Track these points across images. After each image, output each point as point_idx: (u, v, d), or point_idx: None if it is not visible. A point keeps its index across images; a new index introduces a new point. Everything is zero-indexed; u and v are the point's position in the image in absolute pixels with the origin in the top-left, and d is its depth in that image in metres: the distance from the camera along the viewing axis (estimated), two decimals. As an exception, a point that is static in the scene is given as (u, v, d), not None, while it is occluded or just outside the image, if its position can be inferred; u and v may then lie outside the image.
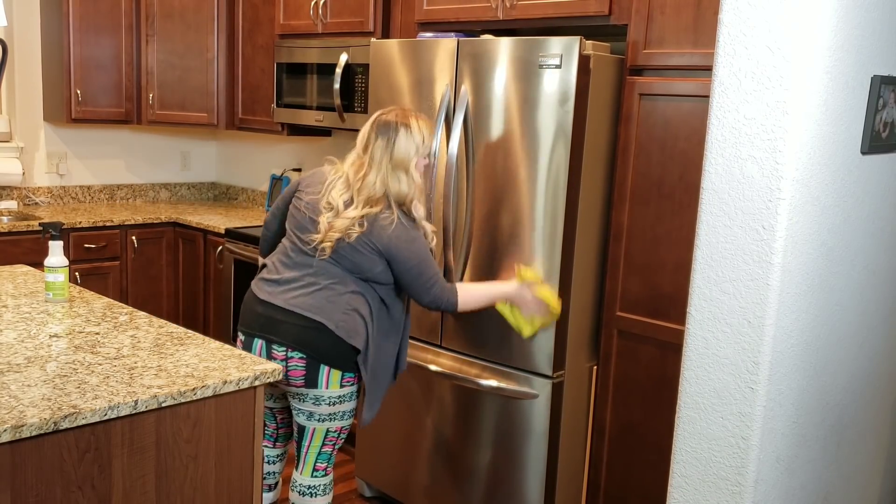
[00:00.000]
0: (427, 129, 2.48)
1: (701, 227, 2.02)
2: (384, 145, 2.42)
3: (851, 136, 2.04)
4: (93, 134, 4.85)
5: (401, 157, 2.42)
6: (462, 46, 2.91)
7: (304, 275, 2.48)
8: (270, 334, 2.46)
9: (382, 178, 2.41)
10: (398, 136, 2.42)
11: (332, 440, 2.60)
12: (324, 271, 2.45)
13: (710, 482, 2.06)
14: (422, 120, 2.49)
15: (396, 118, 2.45)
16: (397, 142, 2.42)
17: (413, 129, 2.44)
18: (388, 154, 2.42)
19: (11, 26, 4.45)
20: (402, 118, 2.46)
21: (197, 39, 4.59)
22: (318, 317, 2.42)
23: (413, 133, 2.44)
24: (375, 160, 2.42)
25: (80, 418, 1.73)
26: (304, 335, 2.42)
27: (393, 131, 2.43)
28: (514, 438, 2.91)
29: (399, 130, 2.43)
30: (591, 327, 2.95)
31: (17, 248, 4.01)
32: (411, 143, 2.43)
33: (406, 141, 2.42)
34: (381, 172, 2.41)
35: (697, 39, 2.60)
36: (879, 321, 2.39)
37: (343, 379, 2.50)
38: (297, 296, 2.46)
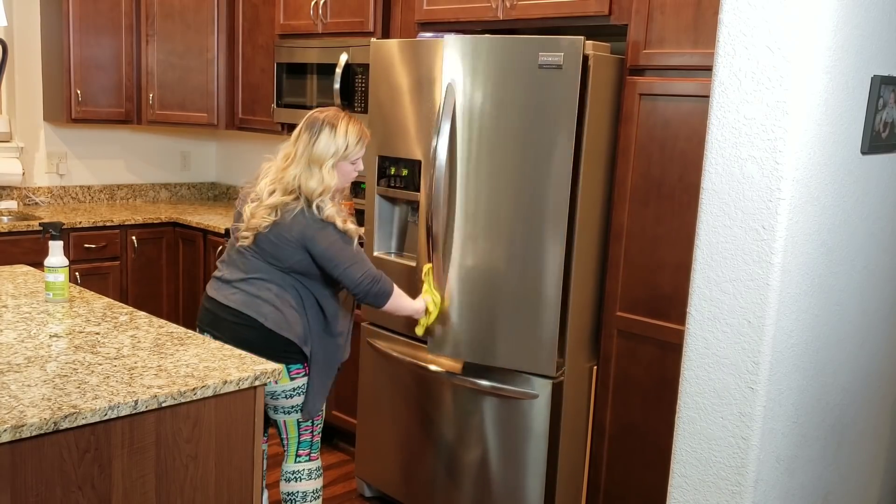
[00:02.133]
0: (354, 136, 2.51)
1: (701, 227, 2.02)
2: (307, 140, 2.49)
3: (851, 136, 2.04)
4: (93, 134, 4.85)
5: (318, 154, 2.46)
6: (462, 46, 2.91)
7: (238, 271, 2.56)
8: (216, 330, 2.54)
9: (298, 172, 2.47)
10: (321, 135, 2.48)
11: (307, 429, 2.67)
12: (253, 267, 2.53)
13: (710, 482, 2.06)
14: (353, 125, 2.52)
15: (325, 117, 2.51)
16: (318, 139, 2.47)
17: (338, 130, 2.48)
18: (309, 149, 2.47)
19: (11, 26, 4.45)
20: (332, 119, 2.50)
21: (197, 39, 4.59)
22: (249, 311, 2.49)
23: (336, 135, 2.48)
24: (298, 154, 2.49)
25: (80, 418, 1.73)
26: (240, 332, 2.49)
27: (318, 129, 2.48)
28: (514, 438, 2.91)
29: (324, 129, 2.48)
30: (591, 327, 2.95)
31: (17, 248, 4.01)
32: (332, 143, 2.47)
33: (327, 140, 2.47)
34: (299, 166, 2.47)
35: (697, 39, 2.60)
36: (879, 321, 2.39)
37: (290, 372, 2.54)
38: (233, 292, 2.55)
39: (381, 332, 3.31)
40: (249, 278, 2.53)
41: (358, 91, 3.82)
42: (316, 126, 2.49)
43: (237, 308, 2.51)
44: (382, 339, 3.30)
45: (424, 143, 3.05)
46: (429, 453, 3.19)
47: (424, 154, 3.06)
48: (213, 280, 2.66)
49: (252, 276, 2.53)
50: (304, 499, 2.69)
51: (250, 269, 2.53)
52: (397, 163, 3.16)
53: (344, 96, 3.87)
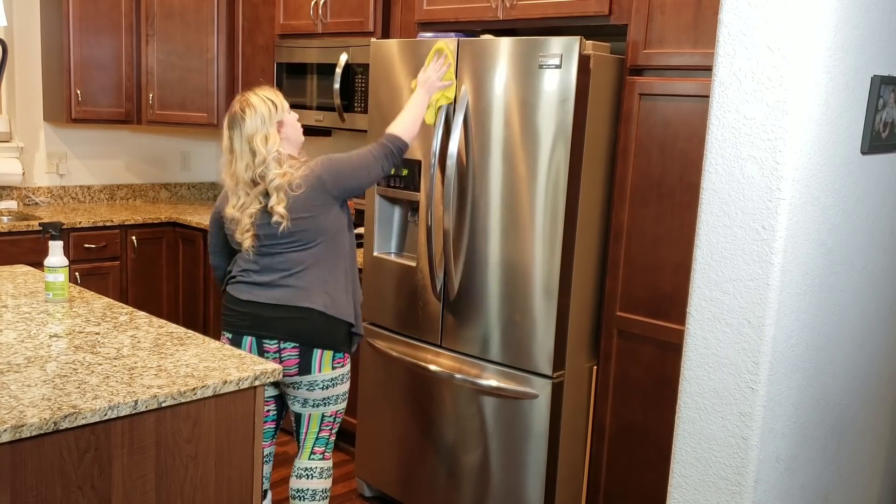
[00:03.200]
0: (271, 96, 2.54)
1: (701, 227, 2.02)
2: (238, 133, 2.50)
3: (851, 136, 2.04)
4: (93, 134, 4.85)
5: (251, 133, 2.48)
6: (462, 46, 2.91)
7: (272, 271, 2.55)
8: (260, 330, 2.54)
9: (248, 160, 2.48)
10: (245, 119, 2.49)
11: (328, 424, 2.69)
12: (287, 262, 2.53)
13: (710, 482, 2.06)
14: (262, 90, 2.56)
15: (238, 106, 2.53)
16: (244, 123, 2.49)
17: (253, 103, 2.51)
18: (242, 137, 2.49)
19: (11, 26, 4.45)
20: (241, 102, 2.53)
21: (197, 39, 4.59)
22: (305, 303, 2.51)
23: (256, 107, 2.50)
24: (237, 150, 2.51)
25: (80, 418, 1.73)
26: (295, 325, 2.51)
27: (239, 119, 2.50)
28: (514, 438, 2.91)
29: (244, 113, 2.50)
30: (591, 327, 2.95)
31: (17, 248, 4.01)
32: (256, 116, 2.49)
33: (251, 118, 2.49)
34: (244, 156, 2.49)
35: (697, 39, 2.60)
36: (879, 321, 2.39)
37: (334, 360, 2.59)
38: (275, 290, 2.54)
39: (381, 332, 3.31)
40: (290, 273, 2.53)
41: (358, 91, 3.82)
42: (235, 118, 2.51)
43: (287, 303, 2.51)
44: (382, 339, 3.30)
45: (424, 143, 3.05)
46: (429, 453, 3.19)
47: (424, 154, 3.06)
48: (243, 285, 2.59)
49: (292, 271, 2.52)
50: (313, 497, 2.69)
51: (285, 264, 2.53)
52: (397, 163, 3.16)
53: (344, 96, 3.87)
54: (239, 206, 2.52)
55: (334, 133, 4.55)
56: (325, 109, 4.01)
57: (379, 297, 3.31)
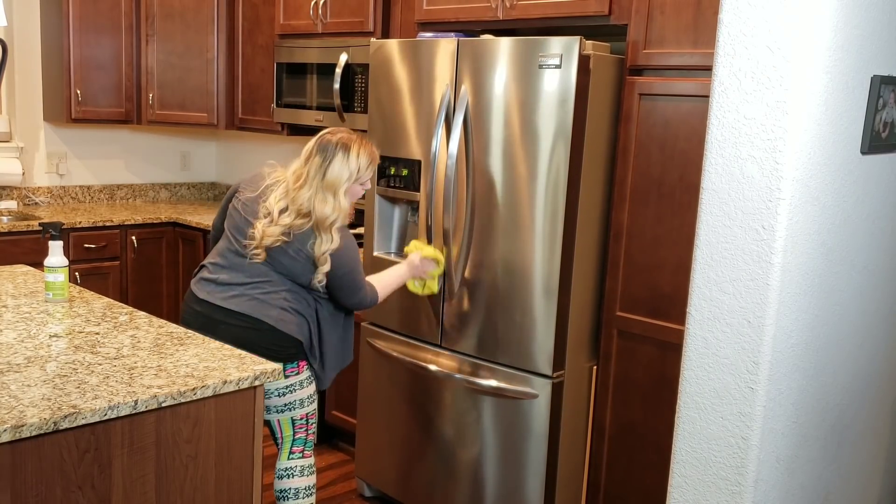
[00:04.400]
0: (366, 158, 2.54)
1: (701, 227, 2.02)
2: (320, 163, 2.49)
3: (851, 136, 2.04)
4: (93, 134, 4.85)
5: (332, 179, 2.48)
6: (462, 46, 2.91)
7: (240, 275, 2.56)
8: (209, 333, 2.46)
9: (311, 195, 2.48)
10: (334, 158, 2.49)
11: (301, 427, 2.69)
12: (260, 272, 2.53)
13: (710, 482, 2.06)
14: (364, 148, 2.54)
15: (338, 140, 2.52)
16: (332, 163, 2.48)
17: (351, 154, 2.50)
18: (322, 173, 2.48)
19: (11, 26, 4.45)
20: (344, 141, 2.52)
21: (197, 39, 4.59)
22: (256, 314, 2.50)
23: (350, 158, 2.50)
24: (310, 176, 2.49)
25: (80, 418, 1.73)
26: (242, 335, 2.48)
27: (331, 152, 2.49)
28: (514, 438, 2.91)
29: (337, 153, 2.49)
30: (591, 327, 2.95)
31: (17, 248, 4.01)
32: (345, 167, 2.49)
33: (340, 164, 2.49)
34: (311, 189, 2.48)
35: (697, 39, 2.60)
36: (879, 321, 2.39)
37: (286, 370, 2.56)
38: (234, 296, 2.53)
39: (381, 332, 3.31)
40: (256, 282, 2.53)
41: (358, 91, 3.82)
42: (329, 149, 2.50)
43: (242, 311, 2.51)
44: (382, 339, 3.30)
45: (424, 143, 3.06)
46: (429, 453, 3.19)
47: (424, 154, 3.06)
48: (204, 282, 2.63)
49: (259, 280, 2.53)
50: (296, 495, 2.71)
51: (257, 273, 2.53)
52: (397, 163, 3.16)
53: (344, 96, 3.87)
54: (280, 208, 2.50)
55: (334, 133, 4.54)
56: (325, 109, 4.01)
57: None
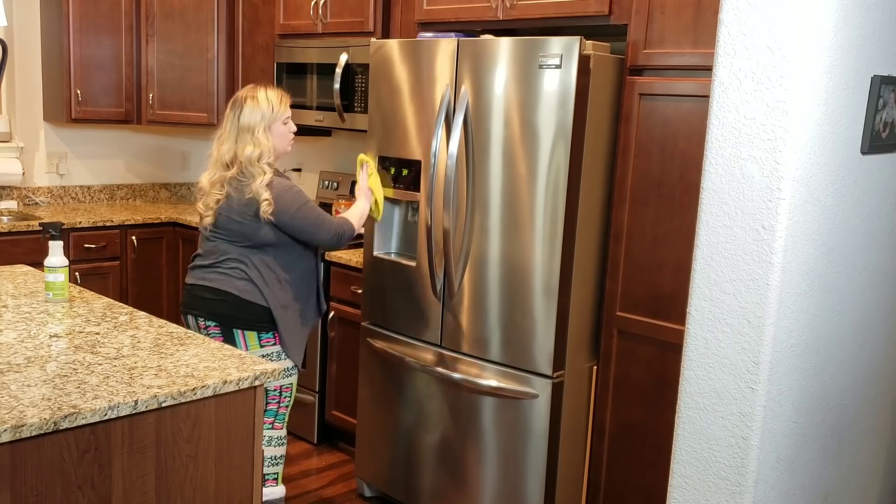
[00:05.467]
0: (275, 97, 2.76)
1: (701, 227, 2.02)
2: (232, 116, 2.74)
3: (851, 136, 2.04)
4: (93, 134, 4.85)
5: (246, 123, 2.71)
6: (462, 46, 2.91)
7: (208, 255, 2.81)
8: (195, 309, 2.80)
9: (231, 144, 2.72)
10: (244, 107, 2.72)
11: (273, 398, 2.84)
12: (222, 250, 2.77)
13: (710, 482, 2.06)
14: (270, 90, 2.77)
15: (244, 93, 2.76)
16: (243, 111, 2.72)
17: (259, 98, 2.73)
18: (235, 123, 2.72)
19: (11, 26, 4.45)
20: (250, 91, 2.76)
21: (197, 39, 4.59)
22: (222, 286, 2.73)
23: (259, 101, 2.73)
24: (227, 130, 2.75)
25: (80, 418, 1.73)
26: (215, 306, 2.74)
27: (239, 105, 2.74)
28: (514, 438, 2.91)
29: (246, 101, 2.73)
30: (591, 327, 2.95)
31: (17, 248, 4.01)
32: (256, 110, 2.72)
33: (251, 109, 2.72)
34: (230, 139, 2.73)
35: (697, 39, 2.60)
36: (879, 321, 2.39)
37: (261, 340, 2.75)
38: (207, 272, 2.79)
39: (380, 332, 3.31)
40: (222, 260, 2.76)
41: (358, 91, 3.82)
42: (237, 102, 2.74)
43: (212, 286, 2.75)
44: (382, 339, 3.30)
45: (424, 143, 3.06)
46: (429, 453, 3.19)
47: (424, 154, 3.06)
48: (192, 268, 2.88)
49: (224, 258, 2.75)
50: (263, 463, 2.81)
51: (220, 252, 2.76)
52: (397, 163, 3.16)
53: (344, 96, 3.87)
54: (209, 179, 2.76)
55: (334, 133, 4.55)
56: (325, 109, 4.01)
57: (379, 297, 3.31)
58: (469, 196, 2.93)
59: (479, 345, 2.97)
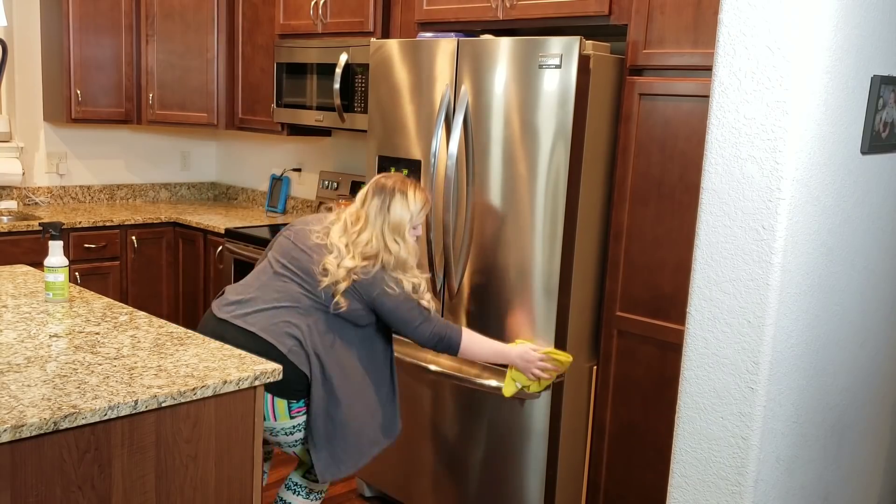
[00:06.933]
0: (422, 200, 2.50)
1: (701, 227, 2.02)
2: (379, 205, 2.44)
3: (851, 136, 2.04)
4: (93, 134, 4.85)
5: (396, 220, 2.43)
6: (462, 46, 2.91)
7: (268, 295, 2.43)
8: None
9: (378, 237, 2.41)
10: (394, 200, 2.45)
11: None
12: (289, 295, 2.41)
13: (710, 482, 2.06)
14: (418, 190, 2.51)
15: (394, 184, 2.48)
16: (392, 205, 2.44)
17: (409, 196, 2.47)
18: (384, 215, 2.43)
19: (11, 26, 4.45)
20: (401, 185, 2.48)
21: (197, 39, 4.59)
22: (269, 337, 2.34)
23: (409, 200, 2.46)
24: (371, 218, 2.44)
25: (80, 418, 1.73)
26: None
27: (389, 195, 2.45)
28: (514, 438, 2.91)
29: (396, 195, 2.45)
30: (591, 327, 2.95)
31: (17, 248, 4.01)
32: (406, 209, 2.45)
33: (401, 206, 2.45)
34: (375, 231, 2.42)
35: (697, 39, 2.60)
36: (879, 321, 2.39)
37: (291, 410, 2.41)
38: (251, 313, 2.40)
39: (381, 332, 3.31)
40: (280, 306, 2.40)
41: (358, 91, 3.82)
42: (387, 192, 2.45)
43: (254, 331, 2.35)
44: (382, 339, 3.30)
45: (424, 143, 3.06)
46: (429, 453, 3.19)
47: (424, 154, 3.06)
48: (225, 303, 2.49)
49: (284, 304, 2.40)
50: None
51: (285, 296, 2.41)
52: (397, 163, 3.16)
53: (344, 96, 3.87)
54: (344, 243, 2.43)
55: (334, 133, 4.55)
56: (325, 109, 4.01)
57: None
58: (469, 196, 2.93)
59: (479, 345, 2.96)
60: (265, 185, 5.05)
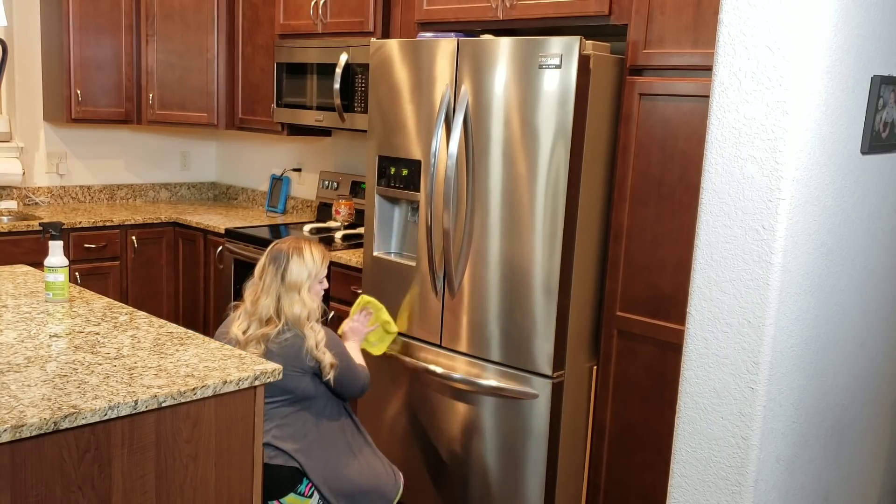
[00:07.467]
0: (319, 256, 2.58)
1: (701, 227, 2.02)
2: (275, 271, 2.53)
3: (851, 136, 2.04)
4: (93, 134, 4.85)
5: (293, 280, 2.51)
6: (462, 46, 2.91)
7: None
8: None
9: (272, 300, 2.51)
10: (290, 261, 2.53)
11: None
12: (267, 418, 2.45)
13: (710, 482, 2.06)
14: (315, 247, 2.59)
15: (288, 246, 2.56)
16: (290, 266, 2.52)
17: (305, 254, 2.55)
18: (279, 278, 2.52)
19: (11, 26, 4.45)
20: (295, 245, 2.57)
21: (197, 39, 4.59)
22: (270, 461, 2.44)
23: (305, 258, 2.54)
24: (267, 284, 2.53)
25: (80, 418, 1.73)
26: None
27: (284, 258, 2.53)
28: (514, 438, 2.91)
29: (292, 256, 2.53)
30: (591, 327, 2.95)
31: (17, 248, 4.01)
32: (303, 267, 2.53)
33: (298, 266, 2.52)
34: (271, 296, 2.51)
35: (697, 39, 2.60)
36: (880, 321, 2.39)
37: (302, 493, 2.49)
38: None
39: (381, 332, 3.31)
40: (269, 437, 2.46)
41: (358, 91, 3.82)
42: (281, 256, 2.54)
43: None
44: (382, 339, 3.30)
45: (424, 143, 3.06)
46: (429, 453, 3.19)
47: (424, 154, 3.06)
48: None
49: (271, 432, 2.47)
50: None
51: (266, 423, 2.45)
52: (397, 163, 3.16)
53: (344, 96, 3.87)
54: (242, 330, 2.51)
55: (334, 133, 4.55)
56: (325, 109, 4.01)
57: (379, 296, 3.30)
58: (469, 196, 2.93)
59: (480, 344, 2.97)
60: (265, 185, 5.05)
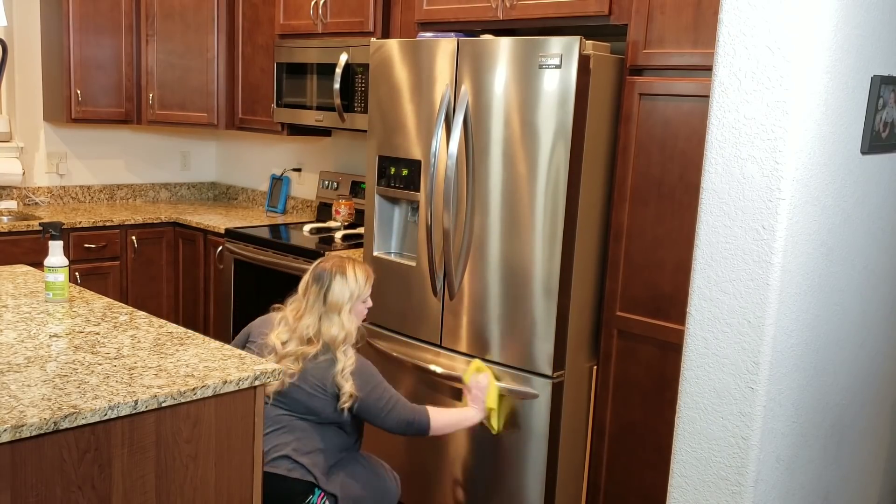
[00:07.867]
0: (363, 276, 2.57)
1: (701, 227, 2.02)
2: (318, 290, 2.52)
3: (851, 136, 2.04)
4: (93, 134, 4.85)
5: (334, 301, 2.50)
6: (462, 46, 2.91)
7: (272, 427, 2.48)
8: None
9: (313, 320, 2.50)
10: (333, 282, 2.52)
11: None
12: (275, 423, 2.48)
13: (710, 482, 2.06)
14: (358, 267, 2.58)
15: (332, 266, 2.55)
16: (332, 287, 2.51)
17: (349, 274, 2.54)
18: (322, 298, 2.51)
19: (11, 26, 4.45)
20: (339, 265, 2.55)
21: (197, 39, 4.59)
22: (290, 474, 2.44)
23: (348, 279, 2.53)
24: (310, 304, 2.52)
25: (80, 418, 1.73)
26: None
27: (328, 278, 2.52)
28: (514, 438, 2.91)
29: (335, 276, 2.52)
30: (591, 327, 2.95)
31: (17, 248, 4.01)
32: (346, 288, 2.52)
33: (341, 286, 2.52)
34: (314, 315, 2.51)
35: (697, 39, 2.60)
36: (880, 321, 2.39)
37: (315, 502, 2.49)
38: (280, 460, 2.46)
39: (381, 332, 3.31)
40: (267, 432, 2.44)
41: (358, 91, 3.82)
42: (325, 275, 2.53)
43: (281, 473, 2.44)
44: (383, 340, 3.30)
45: (424, 143, 3.06)
46: (429, 453, 3.19)
47: (424, 154, 3.06)
48: None
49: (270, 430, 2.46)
50: None
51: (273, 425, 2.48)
52: (397, 163, 3.16)
53: (344, 96, 3.87)
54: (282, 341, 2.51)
55: (334, 133, 4.55)
56: (325, 109, 4.01)
57: (379, 297, 3.30)
58: (469, 196, 2.93)
59: (480, 345, 2.97)
60: (265, 185, 5.05)
